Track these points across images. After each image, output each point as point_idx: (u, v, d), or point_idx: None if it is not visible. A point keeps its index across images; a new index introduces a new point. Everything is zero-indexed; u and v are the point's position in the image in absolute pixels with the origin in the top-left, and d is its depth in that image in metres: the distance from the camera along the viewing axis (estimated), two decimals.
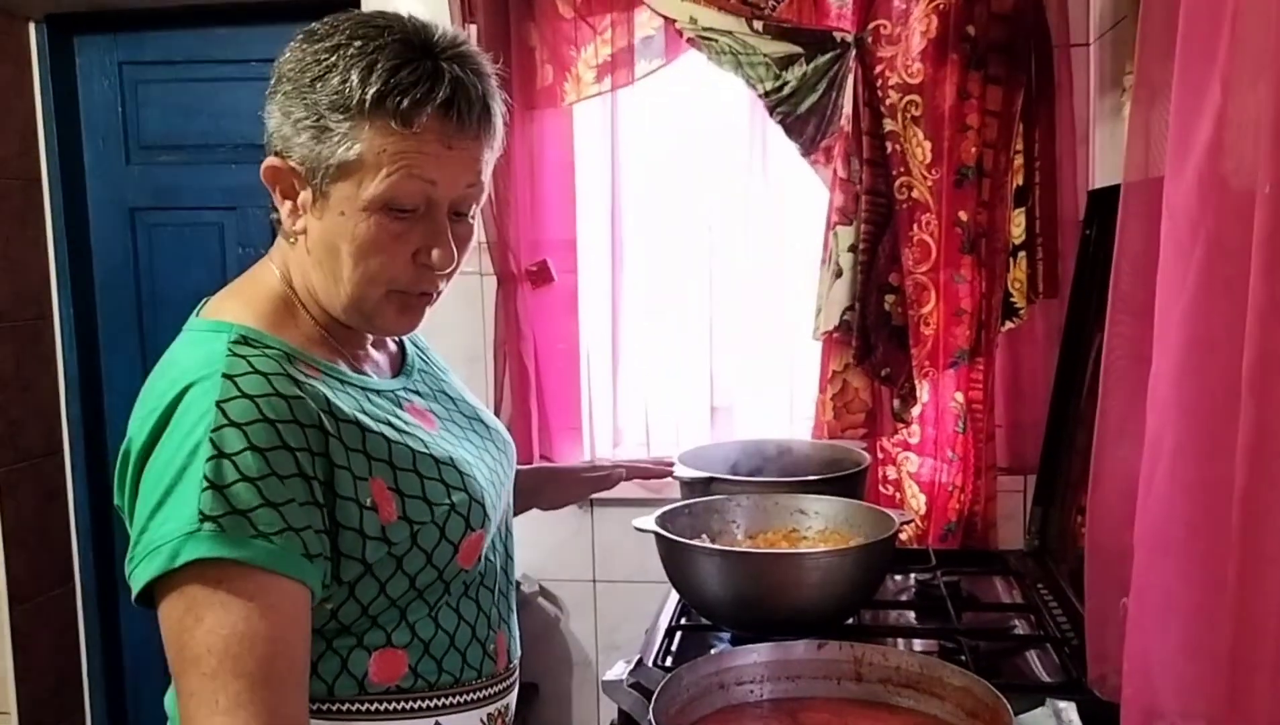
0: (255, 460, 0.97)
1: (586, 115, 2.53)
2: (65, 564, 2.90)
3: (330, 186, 1.05)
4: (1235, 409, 0.88)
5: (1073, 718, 1.12)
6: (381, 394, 1.16)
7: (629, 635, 2.54)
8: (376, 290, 1.09)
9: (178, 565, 0.94)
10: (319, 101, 1.03)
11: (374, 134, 1.02)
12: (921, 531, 2.34)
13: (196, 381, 1.01)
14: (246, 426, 0.98)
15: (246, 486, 0.96)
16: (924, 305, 2.31)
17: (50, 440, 2.87)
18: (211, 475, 0.95)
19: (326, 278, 1.09)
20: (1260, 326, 0.85)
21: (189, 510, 0.95)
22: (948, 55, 2.22)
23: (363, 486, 1.04)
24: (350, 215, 1.05)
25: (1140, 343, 1.17)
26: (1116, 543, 1.22)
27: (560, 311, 2.55)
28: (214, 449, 0.96)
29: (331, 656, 1.09)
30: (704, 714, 1.24)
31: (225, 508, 0.95)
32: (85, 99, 2.85)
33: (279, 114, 1.07)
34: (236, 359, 1.03)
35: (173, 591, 0.96)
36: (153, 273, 2.88)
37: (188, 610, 0.96)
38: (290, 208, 1.09)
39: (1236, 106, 0.93)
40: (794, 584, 1.55)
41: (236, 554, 0.94)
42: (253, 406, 0.99)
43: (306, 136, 1.04)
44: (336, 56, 1.03)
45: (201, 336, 1.09)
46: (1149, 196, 1.17)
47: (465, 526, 1.13)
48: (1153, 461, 1.06)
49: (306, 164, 1.05)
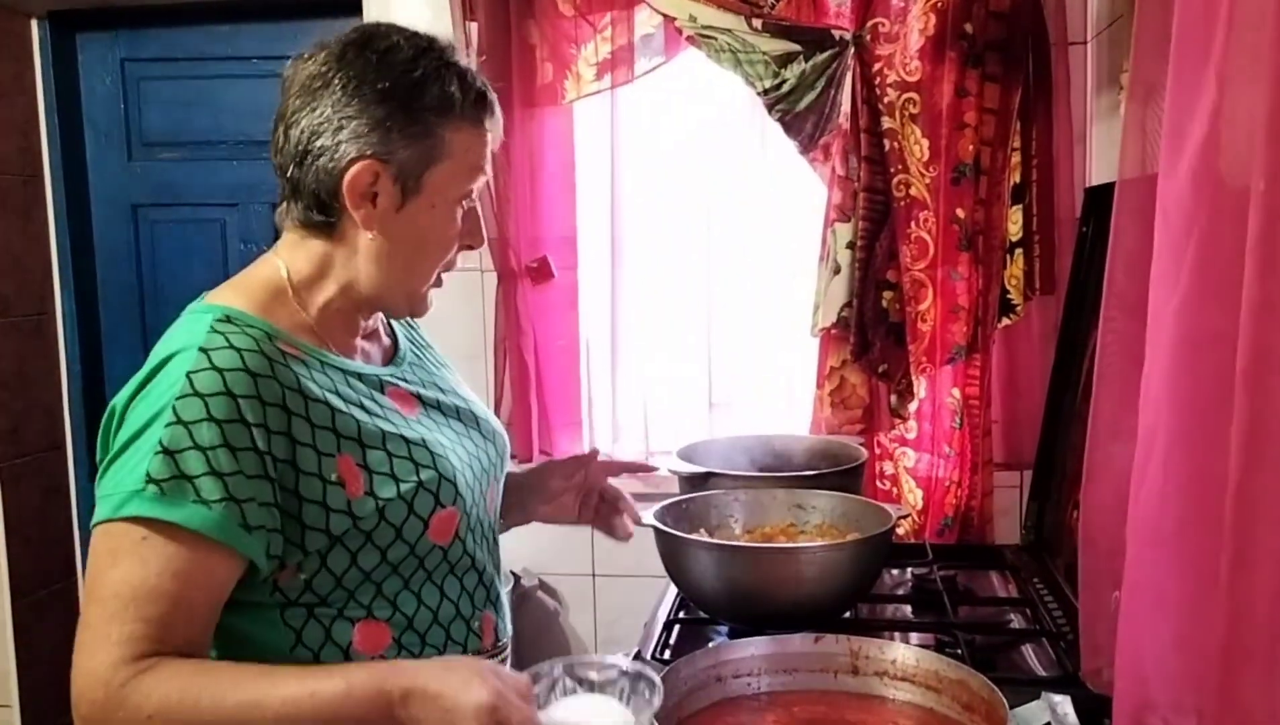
0: (210, 431, 1.03)
1: (587, 113, 2.53)
2: (67, 558, 2.92)
3: (428, 183, 1.15)
4: (1228, 405, 0.89)
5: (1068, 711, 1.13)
6: (363, 378, 1.21)
7: (628, 629, 2.54)
8: (432, 277, 1.21)
9: (117, 517, 1.02)
10: (424, 108, 1.13)
11: (463, 135, 1.16)
12: (918, 526, 2.36)
13: (177, 352, 1.08)
14: (209, 397, 1.04)
15: (196, 454, 1.03)
16: (921, 302, 2.32)
17: (52, 435, 2.88)
18: (166, 441, 1.03)
19: (394, 267, 1.18)
20: (1254, 323, 0.86)
21: (140, 470, 1.02)
22: (946, 53, 2.23)
23: (328, 462, 1.10)
24: (440, 207, 1.17)
25: (1134, 339, 1.17)
26: (1109, 538, 1.23)
27: (560, 308, 2.56)
28: (174, 416, 1.03)
29: (315, 626, 1.13)
30: (702, 707, 1.25)
31: (171, 472, 1.02)
32: (87, 95, 2.86)
33: (367, 122, 1.13)
34: (215, 335, 1.09)
35: (105, 534, 1.04)
36: (154, 269, 2.89)
37: (109, 553, 1.03)
38: (368, 210, 1.15)
39: (1231, 104, 0.93)
40: (791, 578, 1.56)
41: (170, 516, 1.02)
42: (219, 379, 1.05)
43: (411, 140, 1.13)
44: (423, 68, 1.14)
45: (192, 317, 1.15)
46: (1144, 194, 1.17)
47: (434, 503, 1.17)
48: (1145, 457, 1.06)
49: (406, 166, 1.14)
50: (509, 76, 2.42)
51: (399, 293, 1.20)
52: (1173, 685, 1.04)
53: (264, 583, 1.11)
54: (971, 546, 2.27)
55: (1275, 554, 0.86)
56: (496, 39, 2.42)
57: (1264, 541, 0.87)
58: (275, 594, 1.12)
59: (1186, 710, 1.02)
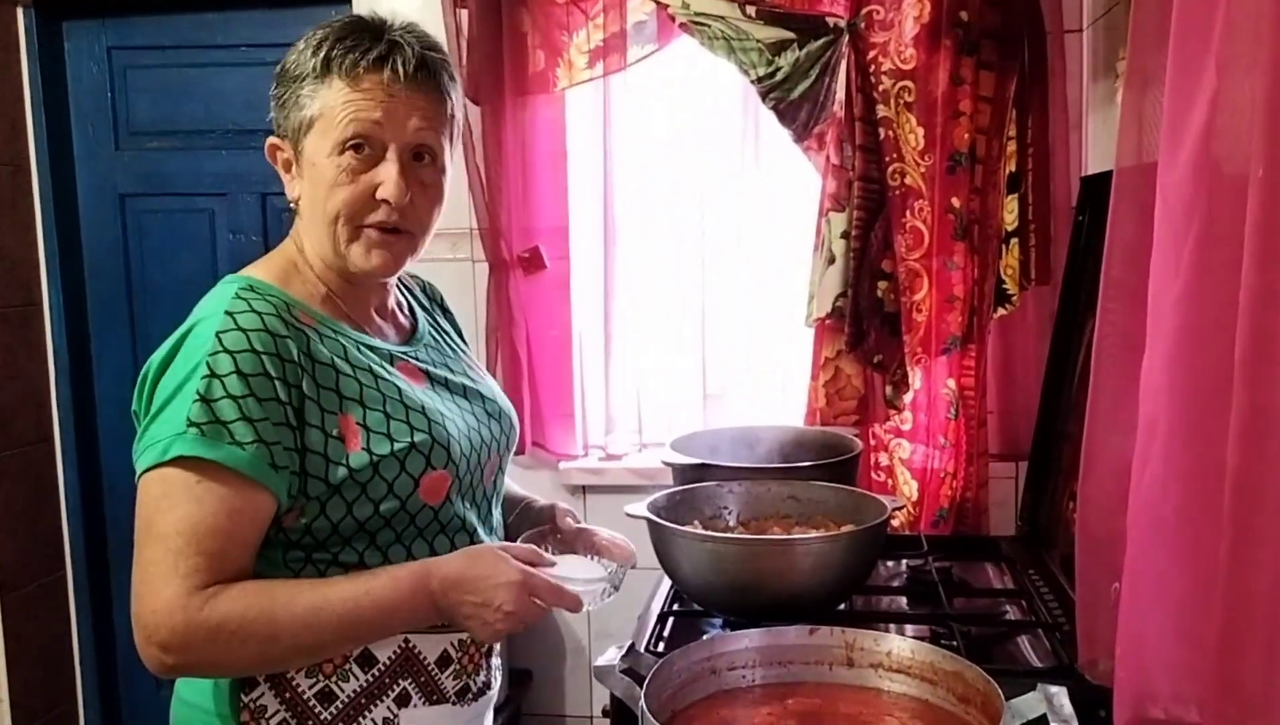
0: (239, 383, 1.16)
1: (578, 101, 2.52)
2: (56, 550, 2.90)
3: (304, 142, 1.26)
4: (1228, 394, 0.88)
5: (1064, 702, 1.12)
6: (374, 349, 1.32)
7: (622, 622, 2.53)
8: (346, 226, 1.27)
9: (166, 459, 1.14)
10: (291, 79, 1.27)
11: (329, 92, 1.24)
12: (913, 517, 2.35)
13: (205, 318, 1.21)
14: (237, 354, 1.17)
15: (229, 402, 1.16)
16: (916, 292, 2.31)
17: (40, 427, 2.86)
18: (203, 391, 1.15)
19: (315, 228, 1.29)
20: (1253, 311, 0.85)
21: (181, 417, 1.15)
22: (941, 41, 2.21)
23: (330, 419, 1.22)
24: (319, 163, 1.25)
25: (1131, 329, 1.17)
26: (1108, 528, 1.22)
27: (552, 298, 2.55)
28: (208, 370, 1.16)
29: (311, 569, 1.25)
30: (696, 699, 1.24)
31: (209, 417, 1.15)
32: (74, 84, 2.84)
33: (274, 104, 1.29)
34: (240, 301, 1.22)
35: (157, 480, 1.16)
36: (143, 259, 2.87)
37: (164, 495, 1.15)
38: (289, 180, 1.31)
39: (1230, 91, 0.92)
40: (786, 570, 1.55)
41: (213, 455, 1.14)
42: (244, 338, 1.18)
43: (287, 110, 1.27)
44: (304, 43, 1.27)
45: (222, 286, 1.28)
46: (1141, 182, 1.16)
47: (425, 463, 1.27)
48: (1146, 447, 1.05)
49: (289, 134, 1.28)
50: (500, 64, 2.40)
51: (326, 250, 1.29)
52: (1173, 675, 1.04)
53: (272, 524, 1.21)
54: (967, 538, 2.26)
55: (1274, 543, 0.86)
56: (487, 26, 2.40)
57: (1263, 531, 0.86)
58: (280, 534, 1.23)
59: (1187, 700, 1.02)
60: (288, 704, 1.24)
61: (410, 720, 1.28)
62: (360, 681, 1.26)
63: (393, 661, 1.27)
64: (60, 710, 2.93)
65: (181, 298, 2.94)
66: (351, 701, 1.26)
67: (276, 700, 1.24)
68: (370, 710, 1.26)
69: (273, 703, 1.24)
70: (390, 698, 1.27)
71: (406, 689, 1.28)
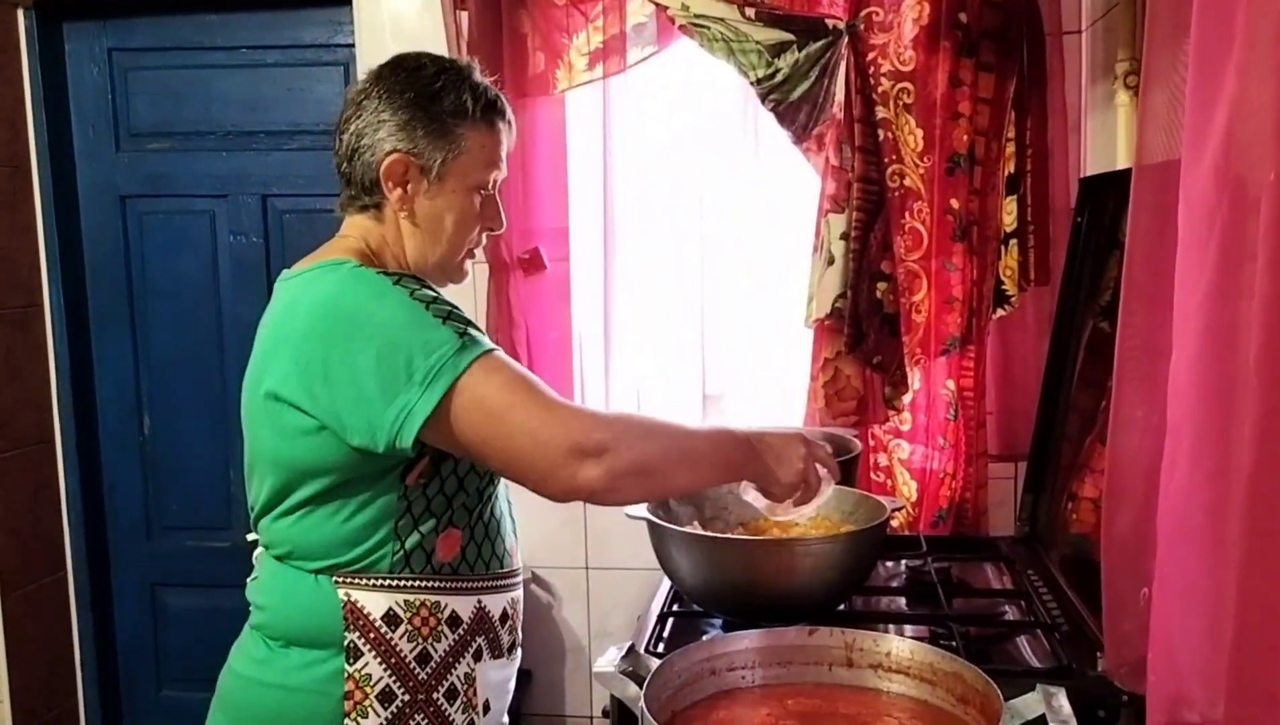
0: (444, 303, 1.31)
1: (578, 103, 2.52)
2: (57, 551, 2.90)
3: (448, 172, 1.41)
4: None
5: (1062, 703, 1.12)
6: None
7: (621, 622, 2.54)
8: (458, 252, 1.47)
9: (464, 366, 1.25)
10: (441, 111, 1.40)
11: (477, 134, 1.42)
12: (913, 518, 2.35)
13: (334, 294, 1.33)
14: (423, 288, 1.33)
15: (458, 312, 1.31)
16: (915, 293, 2.31)
17: (41, 428, 2.86)
18: (437, 313, 1.29)
19: (425, 241, 1.44)
20: (1267, 315, 0.85)
21: (448, 334, 1.27)
22: (940, 42, 2.21)
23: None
24: (459, 192, 1.43)
25: (1154, 331, 1.16)
26: (1133, 532, 1.22)
27: (552, 299, 2.55)
28: (423, 302, 1.29)
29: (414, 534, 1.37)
30: (696, 700, 1.25)
31: (465, 324, 1.29)
32: (74, 86, 2.83)
33: (396, 124, 1.40)
34: (368, 269, 1.36)
35: (467, 386, 1.25)
36: (143, 260, 2.87)
37: (485, 384, 1.25)
38: (401, 193, 1.42)
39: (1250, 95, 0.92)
40: (785, 571, 1.56)
41: (488, 347, 1.28)
42: (410, 280, 1.34)
43: (433, 138, 1.40)
44: (443, 82, 1.41)
45: (317, 273, 1.39)
46: (1160, 182, 1.16)
47: None
48: (1174, 450, 1.05)
49: (431, 158, 1.41)
50: (500, 66, 2.40)
51: (432, 263, 1.45)
52: (1206, 679, 1.03)
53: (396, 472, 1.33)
54: (966, 538, 2.27)
55: None
56: (487, 28, 2.40)
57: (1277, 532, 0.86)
58: (400, 485, 1.34)
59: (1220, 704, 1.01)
60: (392, 669, 1.36)
61: (483, 671, 1.44)
62: (450, 640, 1.40)
63: (472, 620, 1.42)
64: (60, 710, 2.93)
65: (182, 299, 2.98)
66: (442, 660, 1.39)
67: (381, 667, 1.35)
68: (456, 666, 1.40)
69: (377, 670, 1.35)
70: (469, 653, 1.42)
71: (480, 645, 1.44)
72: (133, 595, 2.98)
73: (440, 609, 1.39)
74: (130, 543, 2.96)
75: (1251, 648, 0.89)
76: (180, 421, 2.88)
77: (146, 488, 2.93)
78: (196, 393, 2.83)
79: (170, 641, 2.97)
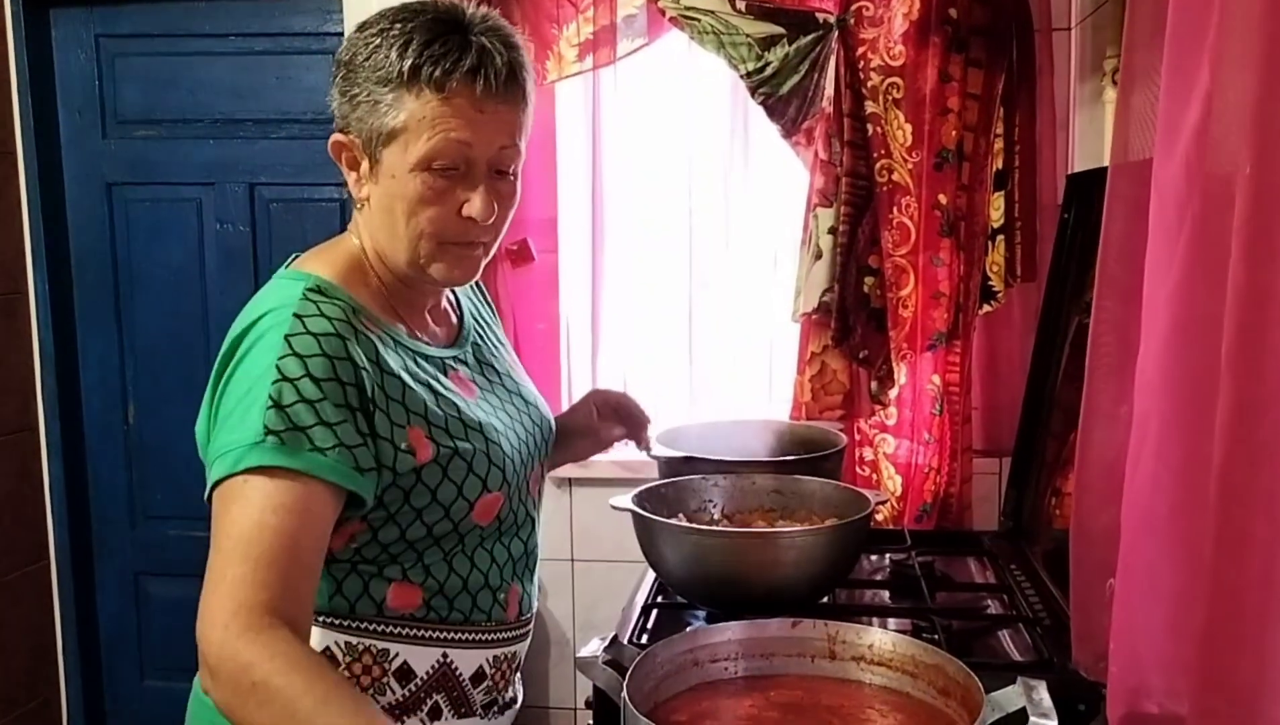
0: (313, 387, 1.11)
1: (568, 94, 2.52)
2: (40, 540, 2.89)
3: (382, 152, 1.19)
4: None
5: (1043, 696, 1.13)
6: (429, 359, 1.29)
7: (606, 614, 2.53)
8: (429, 243, 1.22)
9: (240, 468, 1.08)
10: (368, 78, 1.18)
11: (414, 102, 1.16)
12: (897, 512, 2.36)
13: (270, 311, 1.16)
14: (308, 358, 1.12)
15: (305, 407, 1.11)
16: (903, 288, 2.31)
17: (25, 416, 2.85)
18: (275, 396, 1.10)
19: (388, 236, 1.23)
20: (1239, 308, 0.86)
21: (254, 424, 1.09)
22: (929, 38, 2.22)
23: (399, 432, 1.18)
24: (400, 177, 1.19)
25: (1126, 325, 1.17)
26: (1101, 524, 1.22)
27: (540, 290, 2.55)
28: (279, 374, 1.11)
29: (355, 579, 1.23)
30: (678, 691, 1.24)
31: (286, 424, 1.09)
32: (61, 72, 2.81)
33: (339, 95, 1.22)
34: (308, 302, 1.17)
35: (229, 487, 1.10)
36: (129, 248, 2.86)
37: (236, 505, 1.09)
38: (355, 178, 1.24)
39: (1224, 89, 0.93)
40: (769, 563, 1.56)
41: (292, 464, 1.08)
42: (315, 343, 1.14)
43: (362, 111, 1.19)
44: (380, 38, 1.18)
45: (284, 282, 1.23)
46: (1136, 180, 1.17)
47: (482, 487, 1.25)
48: (1140, 442, 1.06)
49: (362, 135, 1.20)
50: None
51: (397, 260, 1.24)
52: (1167, 670, 1.04)
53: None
54: (950, 533, 2.27)
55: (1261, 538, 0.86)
56: None
57: (1249, 526, 0.87)
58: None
59: (1180, 695, 1.02)
60: None
61: None
62: (397, 695, 1.25)
63: (430, 676, 1.26)
64: (43, 700, 2.92)
65: (168, 287, 2.96)
66: (387, 714, 1.19)
67: None
68: (403, 723, 1.25)
69: None
70: (424, 711, 1.27)
71: (439, 702, 1.28)
72: (116, 584, 2.97)
73: (388, 658, 1.24)
74: (114, 531, 2.95)
75: (1222, 641, 0.89)
76: (165, 410, 2.86)
77: (130, 476, 2.92)
78: (181, 382, 2.81)
79: (153, 631, 2.96)
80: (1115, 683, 1.12)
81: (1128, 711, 1.10)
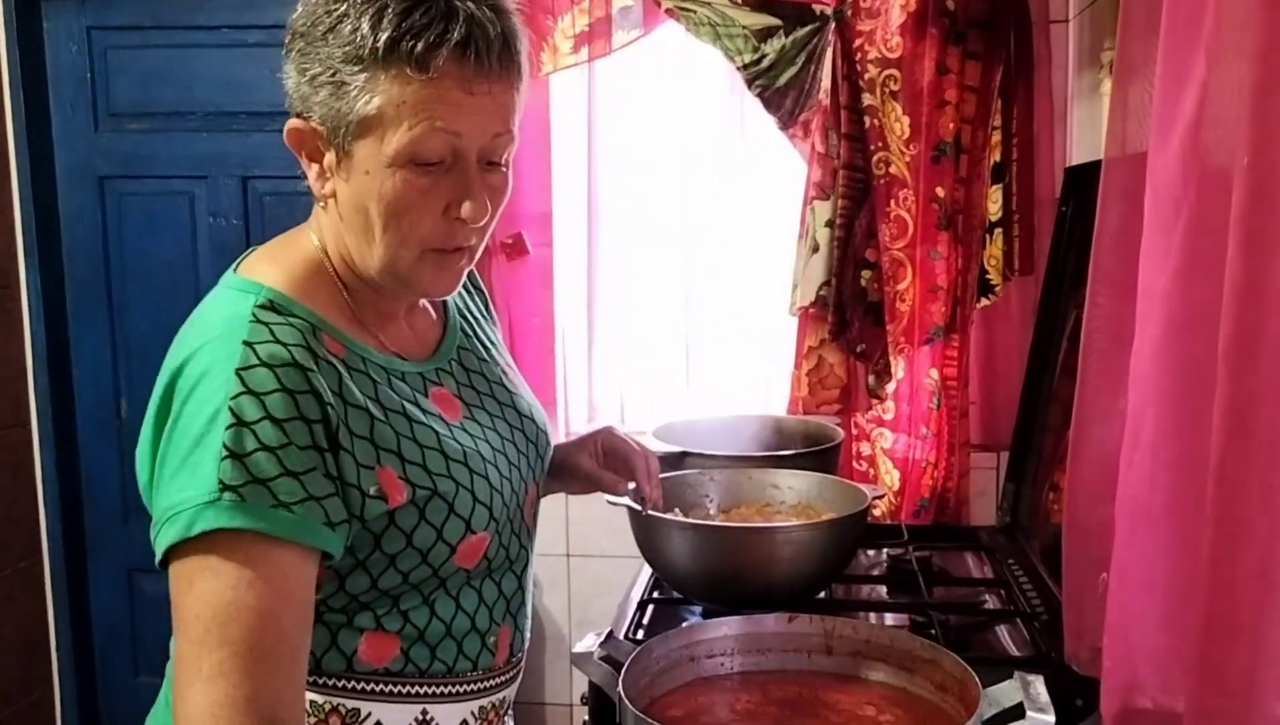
0: (273, 430, 0.94)
1: (563, 86, 2.50)
2: (33, 536, 2.87)
3: (353, 145, 1.00)
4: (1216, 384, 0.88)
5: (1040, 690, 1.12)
6: (405, 377, 1.11)
7: (602, 610, 2.53)
8: (410, 251, 1.04)
9: (195, 533, 0.92)
10: (332, 55, 0.98)
11: (391, 84, 0.97)
12: (894, 507, 2.35)
13: (213, 339, 0.98)
14: (264, 396, 0.95)
15: (267, 456, 0.94)
16: (900, 281, 2.30)
17: (17, 411, 2.83)
18: (231, 444, 0.93)
19: (359, 240, 1.04)
20: (1237, 301, 0.85)
21: (208, 478, 0.92)
22: (927, 30, 2.21)
23: (367, 475, 1.01)
24: (375, 173, 1.00)
25: (1120, 319, 1.17)
26: (1095, 518, 1.22)
27: (535, 284, 2.54)
28: (233, 417, 0.93)
29: (322, 630, 1.06)
30: (674, 686, 1.24)
31: (245, 477, 0.93)
32: (53, 65, 2.79)
33: (295, 73, 1.02)
34: (259, 326, 0.99)
35: (182, 556, 0.94)
36: (121, 242, 2.84)
37: (183, 575, 0.94)
38: (317, 171, 1.05)
39: (1219, 80, 0.92)
40: (766, 558, 1.55)
41: (256, 525, 0.92)
42: (271, 376, 0.96)
43: (325, 94, 0.99)
44: (346, 5, 0.98)
45: (232, 295, 1.05)
46: (1130, 173, 1.16)
47: (465, 529, 1.09)
48: (1134, 437, 1.05)
49: (328, 123, 1.01)
50: None
51: (367, 267, 1.05)
52: (1160, 665, 1.04)
53: None
54: (947, 527, 2.27)
55: (1256, 532, 0.86)
56: None
57: (1245, 520, 0.86)
58: None
59: (1174, 690, 1.02)
60: None
61: None
62: None
63: None
64: (37, 696, 2.90)
65: (161, 281, 2.93)
66: None
67: None
68: None
69: None
70: None
71: None
72: (110, 581, 2.95)
73: (360, 718, 1.08)
74: (107, 527, 2.93)
75: (1217, 636, 0.89)
76: None
77: (124, 472, 2.90)
78: None
79: (147, 627, 2.94)
80: (1109, 678, 1.12)
81: (1122, 707, 1.10)
